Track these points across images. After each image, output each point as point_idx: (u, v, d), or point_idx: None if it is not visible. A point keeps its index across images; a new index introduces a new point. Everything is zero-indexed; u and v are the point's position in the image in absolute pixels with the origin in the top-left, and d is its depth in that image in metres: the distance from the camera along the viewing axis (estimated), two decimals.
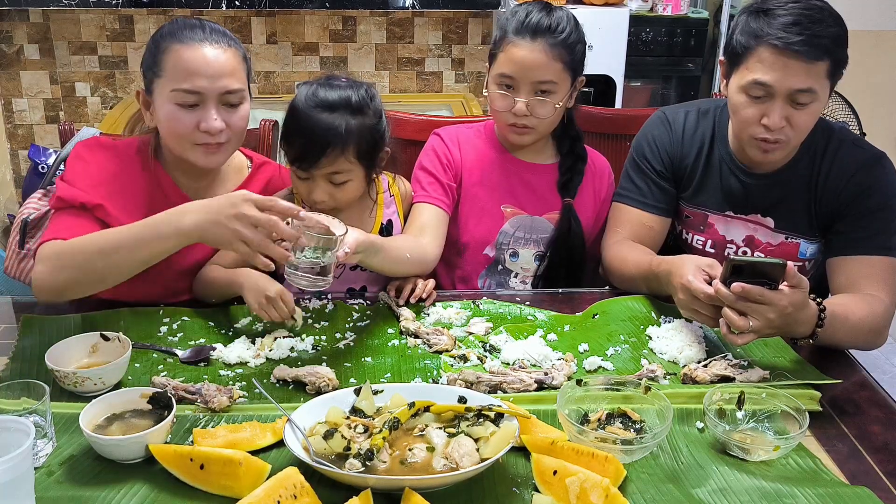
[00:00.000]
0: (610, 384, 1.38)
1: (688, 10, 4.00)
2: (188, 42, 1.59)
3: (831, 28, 1.57)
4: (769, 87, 1.58)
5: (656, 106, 2.69)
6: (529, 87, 1.78)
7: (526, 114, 1.79)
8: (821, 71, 1.58)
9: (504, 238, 1.93)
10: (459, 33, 4.06)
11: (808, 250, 1.79)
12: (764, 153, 1.67)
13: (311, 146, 1.61)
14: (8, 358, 1.51)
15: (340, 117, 1.62)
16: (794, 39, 1.54)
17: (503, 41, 1.80)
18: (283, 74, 4.03)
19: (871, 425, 1.37)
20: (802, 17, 1.56)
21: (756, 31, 1.59)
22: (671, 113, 1.89)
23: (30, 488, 1.10)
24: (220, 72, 1.59)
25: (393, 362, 1.52)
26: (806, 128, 1.64)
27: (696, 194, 1.85)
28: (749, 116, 1.63)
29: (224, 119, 1.61)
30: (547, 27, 1.76)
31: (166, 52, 1.60)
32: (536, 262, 1.95)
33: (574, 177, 1.92)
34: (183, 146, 1.63)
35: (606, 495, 1.11)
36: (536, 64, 1.76)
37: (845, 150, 1.73)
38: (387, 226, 1.85)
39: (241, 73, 1.64)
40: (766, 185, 1.76)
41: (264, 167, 1.84)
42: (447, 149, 1.93)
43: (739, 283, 1.41)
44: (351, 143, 1.62)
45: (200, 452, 1.19)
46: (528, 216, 1.93)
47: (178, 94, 1.58)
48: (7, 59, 3.88)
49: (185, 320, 1.64)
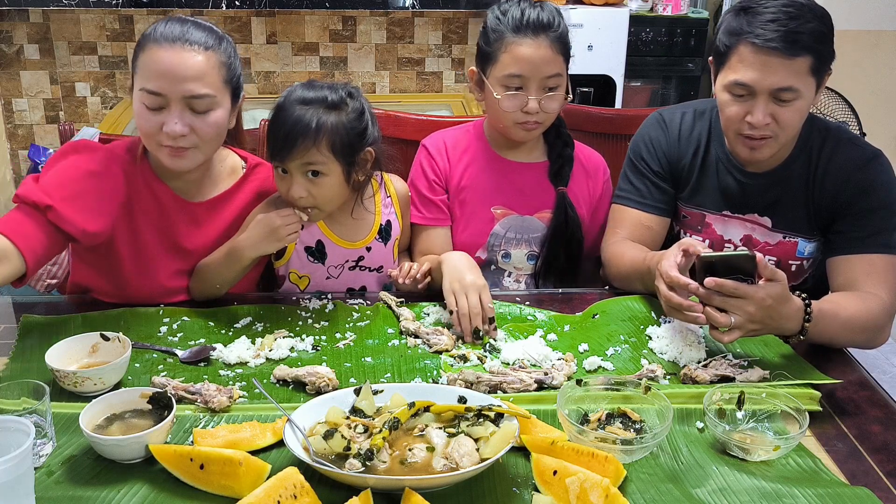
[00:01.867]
0: (610, 384, 1.38)
1: (688, 10, 4.00)
2: (162, 42, 1.57)
3: (810, 24, 1.57)
4: (750, 87, 1.60)
5: (656, 106, 2.70)
6: (539, 83, 1.78)
7: (538, 110, 1.80)
8: (802, 67, 1.58)
9: (495, 240, 1.93)
10: (459, 33, 4.06)
11: (806, 249, 1.79)
12: (751, 150, 1.68)
13: (284, 137, 1.62)
14: (8, 358, 1.51)
15: (314, 111, 1.63)
16: (772, 36, 1.56)
17: (502, 41, 1.79)
18: (283, 74, 4.02)
19: (871, 425, 1.37)
20: (781, 14, 1.57)
21: (737, 30, 1.61)
22: (667, 114, 1.90)
23: (30, 488, 1.10)
24: (185, 76, 1.56)
25: (393, 362, 1.52)
26: (792, 124, 1.64)
27: (694, 194, 1.85)
28: (733, 114, 1.65)
29: (190, 124, 1.58)
30: (546, 23, 1.78)
31: (144, 50, 1.59)
32: (530, 262, 1.95)
33: (564, 164, 1.93)
34: (150, 146, 1.63)
35: (606, 495, 1.11)
36: (545, 60, 1.77)
37: (842, 149, 1.73)
38: (385, 226, 1.85)
39: (214, 77, 1.59)
40: (763, 184, 1.76)
41: (259, 168, 1.82)
42: (433, 161, 1.93)
43: (713, 279, 1.42)
44: (323, 135, 1.62)
45: (200, 452, 1.19)
46: (518, 216, 1.93)
47: (143, 93, 1.58)
48: (7, 59, 3.88)
49: (185, 320, 1.65)
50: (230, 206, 1.77)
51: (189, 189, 1.73)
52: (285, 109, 1.65)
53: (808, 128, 1.73)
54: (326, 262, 1.81)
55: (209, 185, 1.76)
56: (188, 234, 1.73)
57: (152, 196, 1.70)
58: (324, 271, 1.81)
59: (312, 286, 1.83)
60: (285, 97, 1.68)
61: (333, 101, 1.65)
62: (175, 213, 1.72)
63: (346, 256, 1.81)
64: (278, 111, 1.66)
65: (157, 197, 1.71)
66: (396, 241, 1.88)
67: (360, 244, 1.82)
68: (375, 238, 1.83)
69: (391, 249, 1.87)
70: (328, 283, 1.82)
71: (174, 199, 1.72)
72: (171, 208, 1.71)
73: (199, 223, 1.74)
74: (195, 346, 1.55)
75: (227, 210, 1.76)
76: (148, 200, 1.70)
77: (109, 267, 1.70)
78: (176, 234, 1.72)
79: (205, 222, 1.75)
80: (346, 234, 1.81)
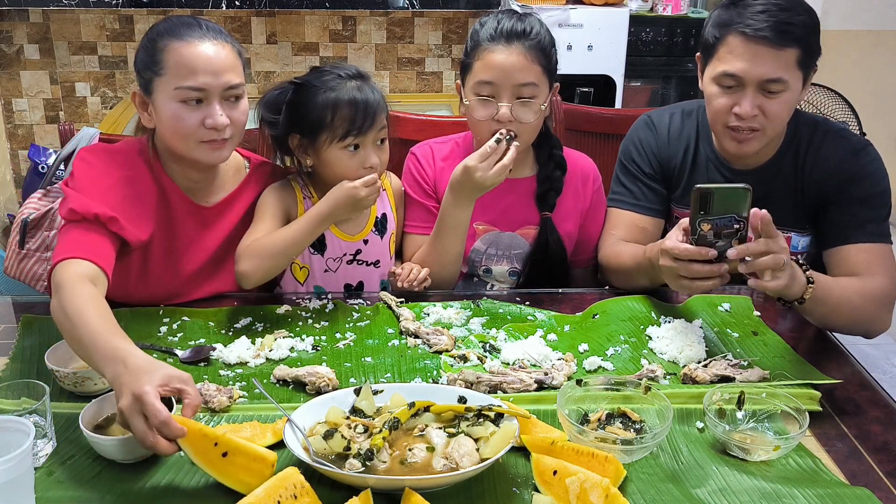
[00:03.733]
0: (610, 384, 1.38)
1: (688, 10, 4.00)
2: (188, 39, 1.59)
3: (800, 16, 1.60)
4: (739, 78, 1.61)
5: (656, 106, 2.70)
6: (511, 91, 1.74)
7: (510, 119, 1.74)
8: (790, 59, 1.60)
9: (476, 255, 1.92)
10: (459, 33, 4.07)
11: (800, 243, 1.80)
12: (739, 144, 1.68)
13: (364, 114, 1.68)
14: (8, 358, 1.51)
15: (361, 85, 1.72)
16: (762, 26, 1.58)
17: (477, 50, 1.76)
18: (283, 74, 4.02)
19: (871, 425, 1.37)
20: (771, 6, 1.60)
21: (726, 21, 1.63)
22: (656, 116, 1.91)
23: (30, 488, 1.10)
24: (222, 68, 1.60)
25: (393, 362, 1.52)
26: (779, 117, 1.65)
27: (686, 194, 1.85)
28: (721, 106, 1.66)
29: (227, 114, 1.61)
30: (521, 31, 1.75)
31: (166, 50, 1.59)
32: (512, 277, 1.94)
33: (552, 188, 1.89)
34: (188, 144, 1.62)
35: (606, 495, 1.11)
36: (516, 66, 1.73)
37: (830, 140, 1.75)
38: (381, 219, 1.86)
39: (240, 68, 1.65)
40: (752, 180, 1.76)
41: (263, 167, 1.84)
42: (421, 167, 1.93)
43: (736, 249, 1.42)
44: (382, 100, 1.73)
45: (230, 442, 1.16)
46: (500, 233, 1.91)
47: (182, 91, 1.58)
48: (7, 59, 3.89)
49: (185, 320, 1.65)
50: (237, 207, 1.77)
51: (199, 191, 1.73)
52: (337, 90, 1.69)
53: (794, 123, 1.75)
54: (325, 253, 1.81)
55: (218, 185, 1.76)
56: (196, 237, 1.73)
57: (164, 197, 1.70)
58: (322, 263, 1.82)
59: (311, 279, 1.83)
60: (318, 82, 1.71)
61: (364, 75, 1.75)
62: (185, 215, 1.72)
63: (344, 249, 1.82)
64: (326, 93, 1.69)
65: (168, 198, 1.70)
66: (392, 235, 1.89)
67: (358, 237, 1.83)
68: (372, 231, 1.84)
69: (387, 243, 1.87)
70: (326, 277, 1.83)
71: (183, 199, 1.71)
72: (181, 211, 1.71)
73: (208, 226, 1.74)
74: (195, 346, 1.55)
75: (233, 211, 1.77)
76: (163, 202, 1.70)
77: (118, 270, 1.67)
78: (184, 237, 1.72)
79: (213, 225, 1.75)
80: (344, 227, 1.82)
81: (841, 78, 3.54)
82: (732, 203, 1.43)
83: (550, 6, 3.67)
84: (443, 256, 1.81)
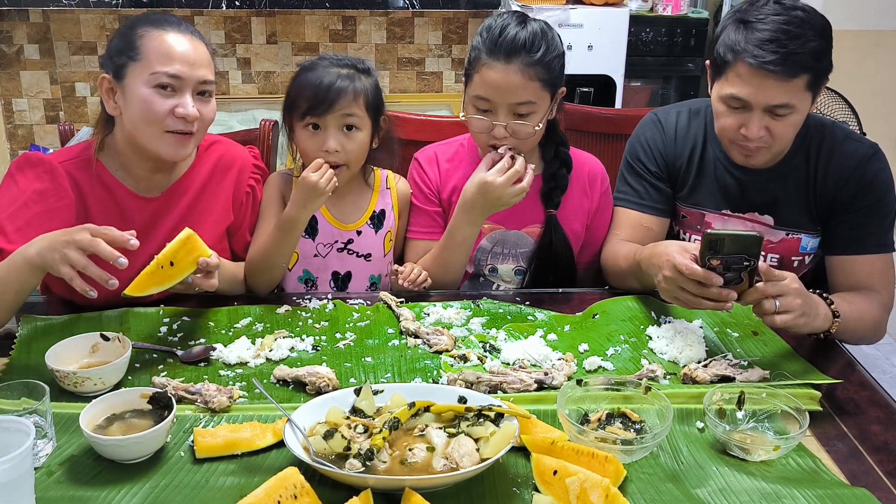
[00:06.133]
0: (610, 384, 1.38)
1: (688, 10, 4.00)
2: (167, 29, 1.62)
3: (811, 42, 1.55)
4: (747, 102, 1.60)
5: (656, 106, 2.69)
6: (507, 109, 1.72)
7: (506, 135, 1.74)
8: (799, 85, 1.58)
9: (481, 254, 1.92)
10: (459, 33, 4.07)
11: (809, 244, 1.81)
12: (746, 157, 1.70)
13: (326, 92, 1.71)
14: (8, 358, 1.51)
15: (348, 72, 1.76)
16: (769, 58, 1.54)
17: (478, 62, 1.73)
18: (283, 74, 4.02)
19: (871, 425, 1.37)
20: (780, 34, 1.55)
21: (734, 46, 1.59)
22: (662, 114, 1.90)
23: (30, 488, 1.10)
24: (198, 61, 1.63)
25: (393, 362, 1.52)
26: (786, 136, 1.66)
27: (692, 193, 1.85)
28: (728, 125, 1.66)
29: (197, 108, 1.62)
30: (522, 46, 1.69)
31: (145, 36, 1.60)
32: (518, 276, 1.94)
33: (557, 186, 1.88)
34: (153, 132, 1.61)
35: (606, 495, 1.11)
36: (512, 86, 1.69)
37: (841, 145, 1.74)
38: (379, 214, 1.88)
39: (213, 68, 1.68)
40: (762, 181, 1.77)
41: (213, 147, 1.82)
42: (424, 173, 1.93)
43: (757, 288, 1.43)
44: (361, 91, 1.74)
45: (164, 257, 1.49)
46: (506, 231, 1.91)
47: (158, 76, 1.58)
48: (7, 59, 3.89)
49: (185, 320, 1.65)
50: (189, 191, 1.76)
51: (148, 184, 1.72)
52: (318, 69, 1.74)
53: (804, 125, 1.73)
54: (316, 238, 1.83)
55: (166, 175, 1.74)
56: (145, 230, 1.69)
57: (111, 198, 1.69)
58: (312, 248, 1.83)
59: (300, 263, 1.85)
60: (313, 63, 1.77)
61: (362, 68, 1.79)
62: (132, 210, 1.71)
63: (335, 236, 1.84)
64: (309, 71, 1.75)
65: (115, 198, 1.70)
66: (389, 233, 1.89)
67: (352, 227, 1.85)
68: (367, 223, 1.85)
69: (381, 239, 1.88)
70: (315, 262, 1.84)
71: (129, 195, 1.71)
72: (129, 207, 1.70)
73: (158, 216, 1.73)
74: (195, 346, 1.55)
75: (184, 197, 1.75)
76: (106, 203, 1.69)
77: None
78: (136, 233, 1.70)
79: (163, 215, 1.73)
80: (339, 215, 1.84)
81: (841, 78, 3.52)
82: (743, 247, 1.42)
83: (550, 6, 3.67)
84: (447, 267, 1.83)
